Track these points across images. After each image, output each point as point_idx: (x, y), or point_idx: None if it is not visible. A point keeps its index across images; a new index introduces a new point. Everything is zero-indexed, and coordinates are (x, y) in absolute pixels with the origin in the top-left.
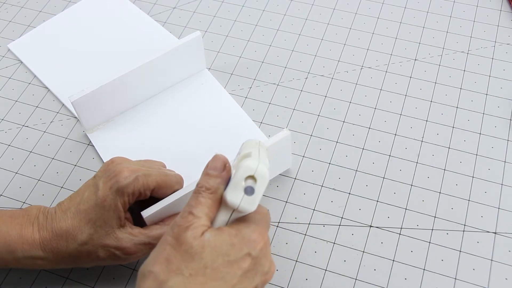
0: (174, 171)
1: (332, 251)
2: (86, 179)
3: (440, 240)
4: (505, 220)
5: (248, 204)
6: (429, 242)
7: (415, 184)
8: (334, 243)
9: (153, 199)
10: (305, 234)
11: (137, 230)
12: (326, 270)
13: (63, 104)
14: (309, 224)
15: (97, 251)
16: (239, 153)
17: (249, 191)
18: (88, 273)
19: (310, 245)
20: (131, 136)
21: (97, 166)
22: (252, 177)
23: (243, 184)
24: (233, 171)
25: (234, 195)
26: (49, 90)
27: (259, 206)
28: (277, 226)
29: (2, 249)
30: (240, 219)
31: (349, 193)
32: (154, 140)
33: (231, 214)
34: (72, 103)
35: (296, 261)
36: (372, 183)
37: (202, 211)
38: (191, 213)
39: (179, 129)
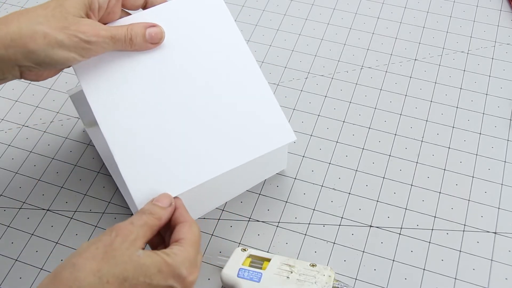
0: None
1: (332, 251)
2: (86, 179)
3: (440, 240)
4: (505, 220)
5: None
6: (429, 242)
7: (415, 184)
8: (334, 243)
9: None
10: (305, 234)
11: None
12: None
13: (63, 104)
14: (309, 224)
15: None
16: None
17: None
18: None
19: (310, 245)
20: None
21: (97, 166)
22: None
23: None
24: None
25: None
26: (49, 89)
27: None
28: (277, 226)
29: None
30: (177, 249)
31: (349, 193)
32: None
33: None
34: (70, 97)
35: None
36: (372, 183)
37: (143, 229)
38: (132, 223)
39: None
